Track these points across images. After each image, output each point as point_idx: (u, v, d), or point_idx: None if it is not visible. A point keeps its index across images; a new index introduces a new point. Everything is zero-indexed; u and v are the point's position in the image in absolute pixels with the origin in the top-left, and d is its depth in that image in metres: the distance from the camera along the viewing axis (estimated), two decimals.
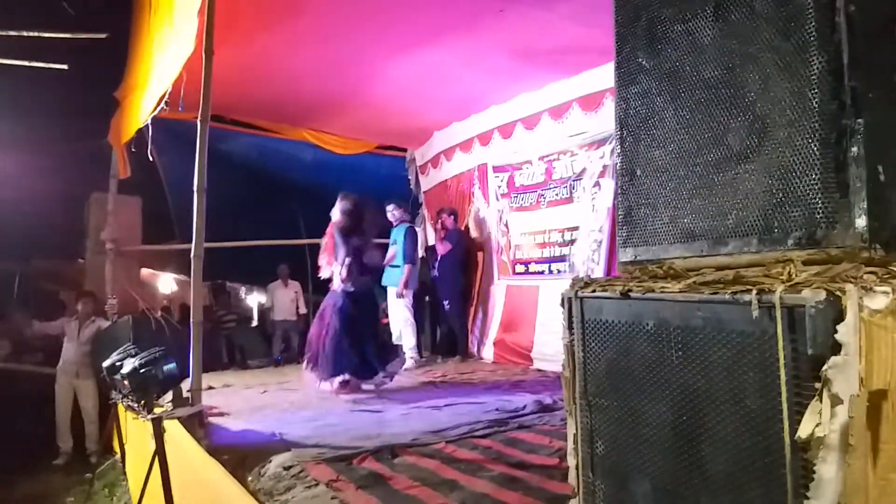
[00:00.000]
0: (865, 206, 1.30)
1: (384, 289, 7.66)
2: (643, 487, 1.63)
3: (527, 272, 7.38)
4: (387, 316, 8.01)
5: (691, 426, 1.47)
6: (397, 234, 7.46)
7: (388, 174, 9.87)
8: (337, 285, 5.81)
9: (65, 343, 7.11)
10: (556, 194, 6.97)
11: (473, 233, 8.28)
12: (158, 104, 5.33)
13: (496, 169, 7.88)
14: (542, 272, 7.15)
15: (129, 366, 3.86)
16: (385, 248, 7.52)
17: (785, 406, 1.25)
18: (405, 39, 5.74)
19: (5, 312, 10.16)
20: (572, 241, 6.69)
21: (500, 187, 7.83)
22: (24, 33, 8.55)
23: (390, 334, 7.52)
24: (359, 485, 3.07)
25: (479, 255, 8.18)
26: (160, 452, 3.50)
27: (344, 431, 4.14)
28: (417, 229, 8.32)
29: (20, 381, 8.73)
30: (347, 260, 5.71)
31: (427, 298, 8.19)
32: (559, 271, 6.84)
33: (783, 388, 1.25)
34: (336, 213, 5.89)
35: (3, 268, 12.11)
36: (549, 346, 6.51)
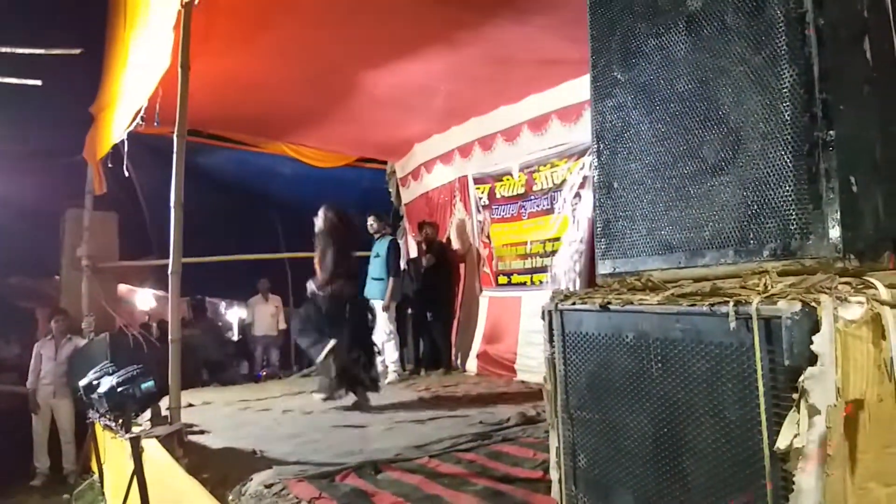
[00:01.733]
0: (839, 217, 1.32)
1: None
2: (625, 500, 1.63)
3: (509, 283, 7.39)
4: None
5: (672, 438, 1.47)
6: (379, 247, 7.43)
7: (368, 187, 9.86)
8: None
9: (42, 363, 6.99)
10: (537, 206, 7.00)
11: (455, 244, 8.28)
12: (134, 119, 5.29)
13: (477, 181, 7.90)
14: (524, 283, 7.16)
15: (106, 384, 3.81)
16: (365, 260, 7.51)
17: (763, 417, 1.26)
18: (384, 52, 5.75)
19: None
20: (553, 252, 6.72)
21: (480, 199, 7.85)
22: None
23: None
24: (342, 502, 3.04)
25: (461, 266, 8.18)
26: (138, 472, 3.45)
27: (326, 447, 4.10)
28: (399, 241, 8.31)
29: None
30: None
31: (409, 311, 8.16)
32: (541, 282, 6.86)
33: (761, 399, 1.26)
34: (321, 223, 5.84)
35: None
36: (532, 357, 6.52)
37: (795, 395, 1.20)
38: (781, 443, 1.21)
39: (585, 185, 6.29)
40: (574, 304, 1.81)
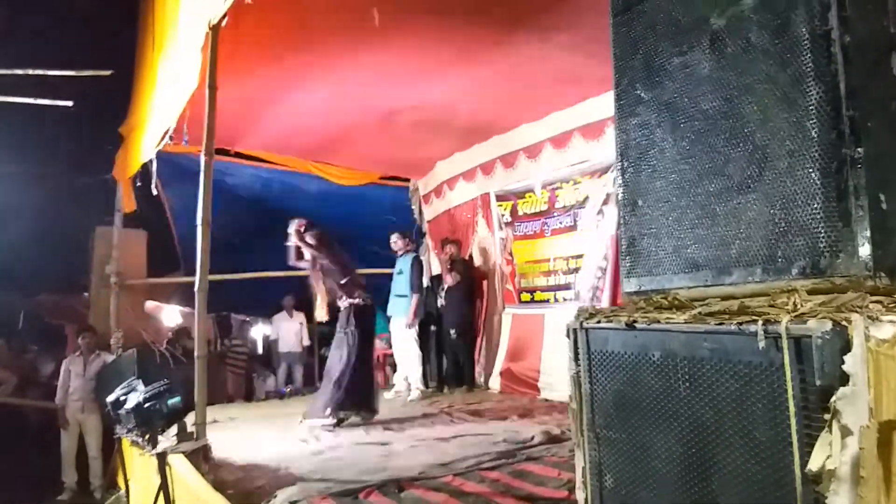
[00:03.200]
0: (868, 235, 1.31)
1: (388, 318, 7.66)
2: None
3: (532, 301, 7.36)
4: (389, 346, 7.99)
5: (700, 459, 1.45)
6: (403, 264, 7.46)
7: (391, 204, 9.90)
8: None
9: (71, 379, 7.08)
10: (560, 222, 6.98)
11: (477, 261, 8.28)
12: (163, 139, 5.39)
13: (499, 198, 7.91)
14: (547, 301, 7.13)
15: (133, 400, 3.83)
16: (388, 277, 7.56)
17: (795, 438, 1.24)
18: (407, 72, 5.81)
19: (10, 347, 10.17)
20: (577, 270, 6.69)
21: (503, 216, 7.85)
22: (30, 71, 8.68)
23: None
24: None
25: (484, 283, 8.17)
26: (164, 487, 3.47)
27: (350, 465, 4.10)
28: (422, 258, 8.33)
29: (25, 416, 8.73)
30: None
31: (433, 328, 8.16)
32: (565, 299, 6.83)
33: (792, 420, 1.24)
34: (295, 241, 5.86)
35: (8, 302, 12.15)
36: (556, 375, 6.47)
37: (827, 416, 1.18)
38: (813, 464, 1.19)
39: (609, 202, 6.27)
40: (599, 322, 1.80)
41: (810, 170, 1.38)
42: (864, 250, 1.31)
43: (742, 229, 1.51)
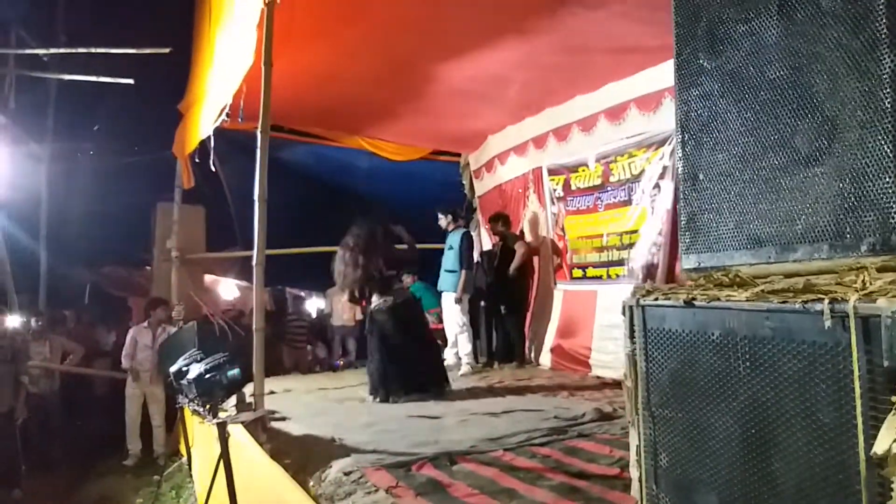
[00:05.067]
0: None
1: (439, 293, 7.70)
2: (709, 501, 1.59)
3: (584, 277, 7.28)
4: (441, 321, 8.03)
5: (760, 440, 1.42)
6: (453, 239, 7.46)
7: (442, 179, 9.90)
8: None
9: (138, 349, 7.33)
10: (614, 197, 6.86)
11: (528, 237, 8.22)
12: (219, 116, 5.48)
13: (551, 172, 7.81)
14: (600, 277, 7.04)
15: (194, 371, 3.96)
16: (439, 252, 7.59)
17: (860, 420, 1.20)
18: (458, 44, 5.76)
19: (78, 319, 10.61)
20: (631, 245, 6.58)
21: (555, 190, 7.75)
22: (92, 49, 8.94)
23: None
24: (418, 492, 3.08)
25: (535, 259, 8.12)
26: (225, 456, 3.58)
27: (402, 437, 4.16)
28: (473, 234, 8.31)
29: (92, 385, 9.13)
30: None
31: (483, 304, 8.17)
32: (618, 276, 6.74)
33: (857, 402, 1.20)
34: (350, 240, 5.94)
35: (76, 276, 12.65)
36: (608, 352, 6.41)
37: (895, 399, 1.14)
38: (879, 447, 1.15)
39: (665, 176, 6.13)
40: (657, 299, 1.77)
41: (882, 142, 1.31)
42: None
43: (809, 204, 1.46)
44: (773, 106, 1.55)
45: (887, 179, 1.30)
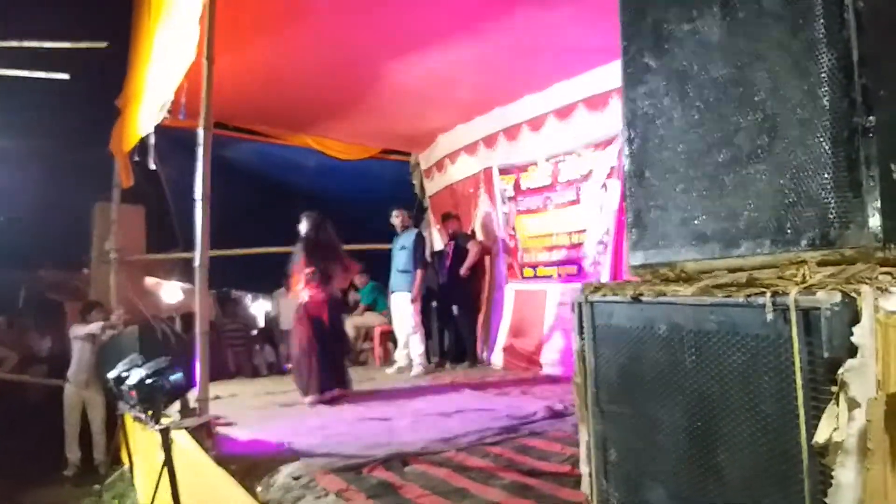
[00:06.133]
0: (879, 206, 1.28)
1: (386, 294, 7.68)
2: (658, 494, 1.60)
3: (535, 276, 7.35)
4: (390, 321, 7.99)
5: (706, 432, 1.44)
6: (405, 240, 7.44)
7: (392, 179, 9.85)
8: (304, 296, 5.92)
9: (76, 354, 7.07)
10: (563, 196, 6.94)
11: (480, 236, 8.26)
12: (160, 112, 5.32)
13: (502, 171, 7.85)
14: (550, 276, 7.12)
15: (136, 376, 3.85)
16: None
17: (801, 411, 1.22)
18: (408, 43, 5.74)
19: (11, 323, 10.18)
20: (580, 244, 6.66)
21: (505, 190, 7.80)
22: (25, 44, 8.59)
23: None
24: (369, 494, 3.05)
25: (486, 259, 8.16)
26: (168, 463, 3.49)
27: (353, 440, 4.12)
28: (424, 234, 8.30)
29: (27, 393, 8.77)
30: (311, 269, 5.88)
31: (434, 304, 8.16)
32: (568, 275, 6.81)
33: (799, 393, 1.23)
34: (302, 231, 6.07)
35: (8, 279, 12.13)
36: (558, 350, 6.48)
37: (834, 388, 1.17)
38: (820, 437, 1.18)
39: (612, 175, 6.23)
40: (605, 295, 1.78)
41: (821, 139, 1.34)
42: (875, 221, 1.28)
43: (751, 200, 1.48)
44: (716, 104, 1.57)
45: (826, 176, 1.34)
